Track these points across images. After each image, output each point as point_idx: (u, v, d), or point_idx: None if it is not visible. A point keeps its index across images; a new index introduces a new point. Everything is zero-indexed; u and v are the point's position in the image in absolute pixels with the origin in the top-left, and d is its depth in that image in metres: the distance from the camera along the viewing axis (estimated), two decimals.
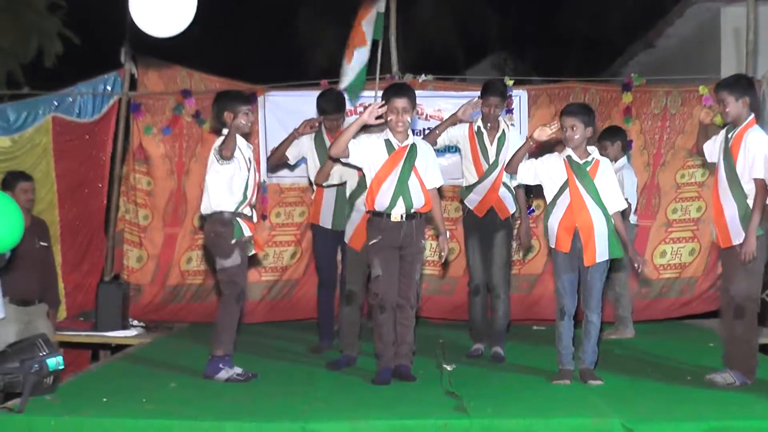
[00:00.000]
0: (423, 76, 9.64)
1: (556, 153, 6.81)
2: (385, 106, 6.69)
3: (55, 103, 9.55)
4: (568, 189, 6.65)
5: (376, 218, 6.84)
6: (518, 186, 7.69)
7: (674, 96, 9.47)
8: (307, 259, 9.78)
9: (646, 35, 14.78)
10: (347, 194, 7.38)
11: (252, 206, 6.99)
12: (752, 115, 6.62)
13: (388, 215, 6.78)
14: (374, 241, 6.84)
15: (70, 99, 9.61)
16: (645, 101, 9.50)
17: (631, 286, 9.25)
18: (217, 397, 6.27)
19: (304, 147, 8.09)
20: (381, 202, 6.79)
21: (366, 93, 9.09)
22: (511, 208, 7.80)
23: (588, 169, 6.67)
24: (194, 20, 6.08)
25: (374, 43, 8.91)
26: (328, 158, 7.22)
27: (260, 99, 9.57)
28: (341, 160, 6.89)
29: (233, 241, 6.80)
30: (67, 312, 9.21)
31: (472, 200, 7.81)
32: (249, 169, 6.90)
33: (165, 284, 9.62)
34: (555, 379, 6.72)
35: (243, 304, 7.06)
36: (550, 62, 19.10)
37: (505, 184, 7.69)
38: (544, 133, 6.58)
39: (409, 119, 6.77)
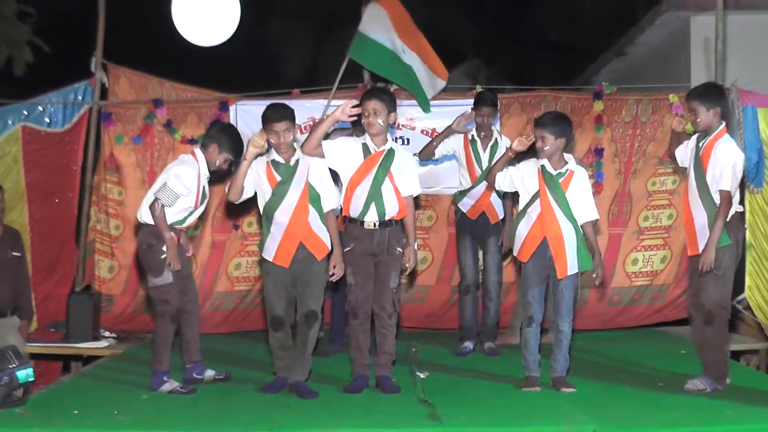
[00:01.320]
0: (394, 84, 9.62)
1: (533, 160, 6.80)
2: (359, 107, 6.70)
3: (25, 113, 9.50)
4: (538, 200, 6.68)
5: (351, 225, 6.84)
6: (503, 195, 7.89)
7: (645, 104, 9.52)
8: None
9: (618, 43, 14.87)
10: (261, 207, 6.79)
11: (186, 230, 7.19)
12: (723, 125, 6.68)
13: (362, 222, 6.77)
14: (348, 249, 6.83)
15: (40, 108, 9.55)
16: (616, 109, 9.54)
17: (603, 294, 9.31)
18: (189, 409, 6.26)
19: None
20: (355, 207, 6.77)
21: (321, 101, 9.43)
22: (501, 213, 8.25)
23: (561, 180, 6.69)
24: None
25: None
26: (238, 169, 6.72)
27: (232, 108, 9.55)
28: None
29: (163, 257, 6.84)
30: (37, 323, 9.14)
31: (466, 204, 8.25)
32: (199, 202, 7.00)
33: (137, 294, 9.56)
34: (524, 386, 6.76)
35: (177, 322, 7.04)
36: (522, 70, 19.19)
37: (496, 190, 7.81)
38: (521, 145, 6.61)
39: (380, 122, 6.66)
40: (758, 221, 8.94)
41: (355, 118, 6.77)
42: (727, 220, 6.54)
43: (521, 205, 6.83)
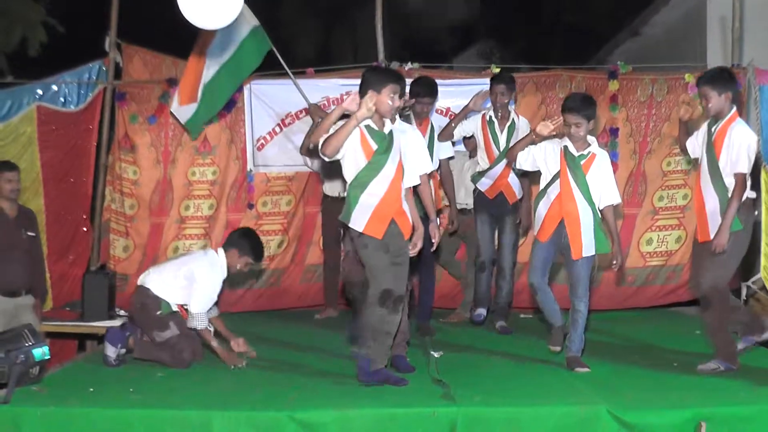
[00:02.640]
0: (409, 64, 9.61)
1: (556, 140, 6.80)
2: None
3: (40, 92, 9.50)
4: (558, 181, 6.67)
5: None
6: (522, 174, 7.94)
7: (660, 84, 9.47)
8: (294, 248, 9.79)
9: (633, 23, 14.80)
10: (352, 174, 6.31)
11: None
12: (734, 109, 6.65)
13: None
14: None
15: (55, 88, 9.56)
16: (631, 89, 9.49)
17: (616, 276, 9.29)
18: (204, 387, 6.28)
19: None
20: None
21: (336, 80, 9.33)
22: (519, 193, 8.29)
23: (582, 162, 6.68)
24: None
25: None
26: (344, 126, 6.25)
27: (246, 88, 9.52)
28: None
29: (159, 312, 6.98)
30: (53, 302, 9.18)
31: (485, 183, 8.30)
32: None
33: None
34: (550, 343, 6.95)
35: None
36: (536, 50, 19.14)
37: (514, 170, 7.99)
38: (546, 129, 6.59)
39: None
40: None
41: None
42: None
43: (542, 185, 6.83)
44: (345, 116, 6.34)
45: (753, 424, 5.55)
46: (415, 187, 6.58)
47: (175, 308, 7.09)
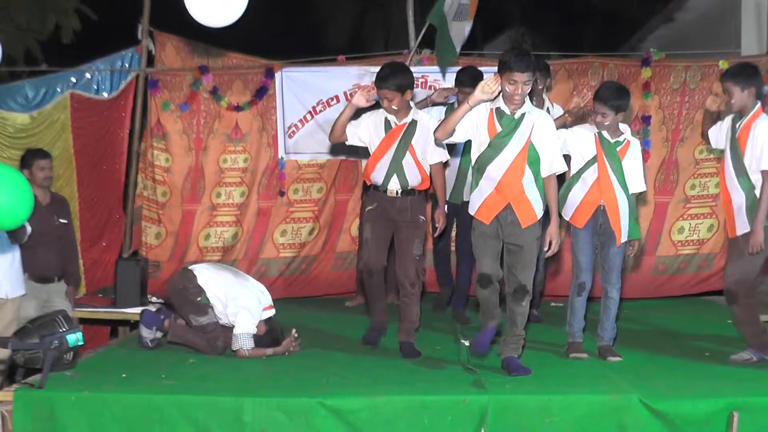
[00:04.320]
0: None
1: (588, 125, 6.81)
2: (375, 90, 6.69)
3: (73, 80, 9.55)
4: (595, 165, 6.64)
5: (374, 191, 6.90)
6: None
7: (693, 71, 9.40)
8: (324, 235, 9.81)
9: (666, 9, 14.69)
10: (474, 157, 6.27)
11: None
12: (758, 104, 6.61)
13: (385, 190, 6.82)
14: (370, 207, 6.91)
15: (88, 75, 9.60)
16: (664, 76, 9.43)
17: (649, 262, 9.27)
18: (235, 373, 6.31)
19: (433, 118, 8.02)
20: (376, 179, 6.84)
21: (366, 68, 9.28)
22: None
23: (618, 149, 6.68)
24: None
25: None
26: (456, 110, 6.20)
27: (277, 75, 9.54)
28: (347, 144, 6.94)
29: (198, 299, 6.97)
30: (86, 288, 9.25)
31: None
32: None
33: (183, 261, 9.59)
34: (571, 352, 6.80)
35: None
36: (568, 37, 19.00)
37: None
38: (577, 107, 6.53)
39: (394, 106, 6.72)
40: None
41: (374, 101, 6.74)
42: None
43: (573, 170, 6.78)
44: (364, 110, 6.47)
45: None
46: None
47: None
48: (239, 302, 6.93)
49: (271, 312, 7.10)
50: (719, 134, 6.84)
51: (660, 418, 5.51)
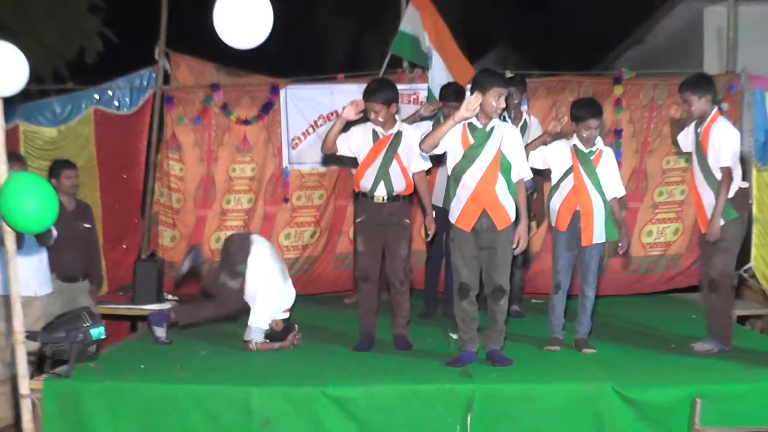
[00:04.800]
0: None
1: (563, 141, 6.85)
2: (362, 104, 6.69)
3: (96, 97, 9.57)
4: (572, 174, 6.67)
5: (362, 199, 6.88)
6: (536, 172, 7.81)
7: (661, 88, 9.43)
8: (325, 238, 9.82)
9: (636, 32, 14.71)
10: (450, 168, 6.34)
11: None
12: (716, 109, 6.68)
13: (372, 197, 6.80)
14: (360, 219, 6.90)
15: (110, 93, 9.62)
16: (634, 93, 9.46)
17: (621, 263, 9.29)
18: (244, 364, 6.32)
19: (422, 131, 8.00)
20: (365, 185, 6.82)
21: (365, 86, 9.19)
22: (529, 189, 7.98)
23: (592, 158, 6.72)
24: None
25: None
26: (441, 126, 6.21)
27: (282, 91, 9.57)
28: (337, 154, 6.94)
29: (238, 268, 6.96)
30: (108, 287, 9.25)
31: None
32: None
33: None
34: (547, 345, 6.80)
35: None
36: (548, 57, 18.99)
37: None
38: (556, 128, 6.59)
39: (380, 119, 6.72)
40: (764, 197, 8.86)
41: (361, 115, 6.75)
42: (732, 195, 6.53)
43: (553, 181, 6.83)
44: (352, 123, 6.59)
45: (745, 401, 5.57)
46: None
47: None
48: (266, 299, 6.91)
49: (287, 315, 7.10)
50: (686, 140, 6.90)
51: (631, 405, 5.53)
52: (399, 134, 6.81)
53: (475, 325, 6.30)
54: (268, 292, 6.94)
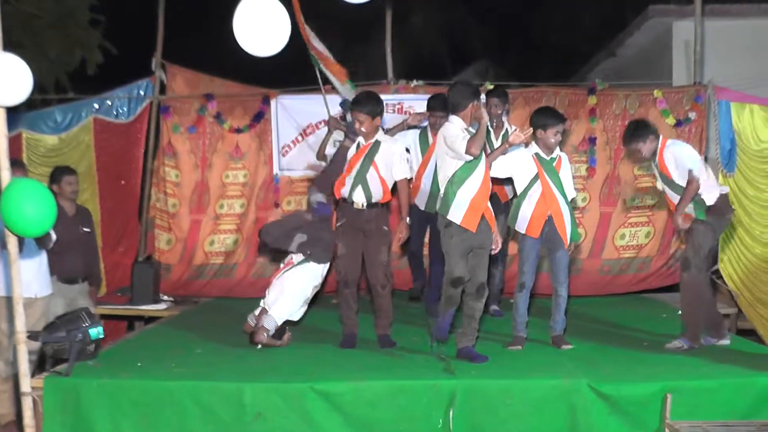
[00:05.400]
0: (414, 81, 9.64)
1: (523, 148, 6.77)
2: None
3: (96, 106, 9.56)
4: (538, 181, 6.66)
5: (343, 204, 6.88)
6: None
7: (633, 99, 9.45)
8: None
9: (609, 45, 14.76)
10: (450, 174, 6.28)
11: None
12: (660, 138, 6.73)
13: (352, 202, 6.78)
14: (339, 223, 6.89)
15: (109, 102, 9.61)
16: (607, 103, 9.48)
17: (596, 264, 9.30)
18: (237, 362, 6.29)
19: (408, 140, 8.00)
20: (344, 191, 6.84)
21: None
22: (510, 194, 7.98)
23: (554, 164, 6.72)
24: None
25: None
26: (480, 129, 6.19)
27: (273, 101, 9.56)
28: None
29: (286, 242, 6.98)
30: (106, 288, 9.22)
31: None
32: None
33: (191, 264, 9.59)
34: (510, 344, 6.76)
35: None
36: (525, 69, 19.04)
37: None
38: (518, 138, 6.48)
39: (364, 129, 6.73)
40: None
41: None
42: (714, 202, 6.60)
43: (520, 189, 6.78)
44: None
45: (713, 395, 5.58)
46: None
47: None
48: (294, 299, 6.88)
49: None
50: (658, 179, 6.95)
51: (605, 400, 5.52)
52: (377, 144, 6.80)
53: (457, 303, 6.37)
54: (296, 297, 6.89)
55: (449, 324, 6.48)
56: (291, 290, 6.86)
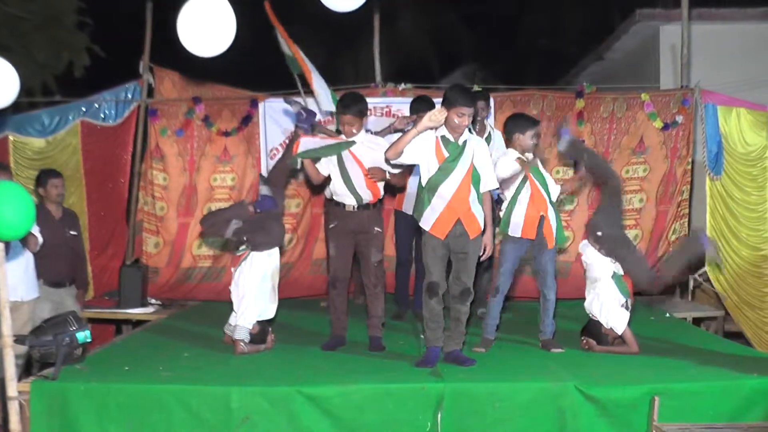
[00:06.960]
0: (403, 84, 9.63)
1: (510, 153, 6.74)
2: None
3: (83, 109, 9.51)
4: (526, 184, 6.66)
5: (334, 206, 6.87)
6: None
7: (620, 102, 9.46)
8: (302, 245, 9.78)
9: (597, 49, 14.79)
10: (425, 179, 6.21)
11: None
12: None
13: (344, 205, 6.77)
14: (332, 225, 6.88)
15: (96, 105, 9.57)
16: (595, 106, 9.49)
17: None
18: (224, 366, 6.28)
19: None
20: (334, 193, 6.83)
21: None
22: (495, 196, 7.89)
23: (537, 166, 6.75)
24: None
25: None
26: (404, 135, 6.15)
27: (261, 105, 9.55)
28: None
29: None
30: (94, 291, 9.19)
31: None
32: None
33: (179, 267, 9.58)
34: (476, 346, 6.74)
35: None
36: (513, 72, 19.06)
37: None
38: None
39: (354, 130, 6.71)
40: (717, 204, 8.94)
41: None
42: None
43: (511, 193, 6.76)
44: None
45: (700, 398, 5.60)
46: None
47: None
48: (255, 300, 6.76)
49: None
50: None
51: (593, 403, 5.53)
52: (359, 144, 6.77)
53: (441, 323, 6.27)
54: (257, 295, 6.79)
55: (436, 358, 6.25)
56: (247, 292, 6.76)
